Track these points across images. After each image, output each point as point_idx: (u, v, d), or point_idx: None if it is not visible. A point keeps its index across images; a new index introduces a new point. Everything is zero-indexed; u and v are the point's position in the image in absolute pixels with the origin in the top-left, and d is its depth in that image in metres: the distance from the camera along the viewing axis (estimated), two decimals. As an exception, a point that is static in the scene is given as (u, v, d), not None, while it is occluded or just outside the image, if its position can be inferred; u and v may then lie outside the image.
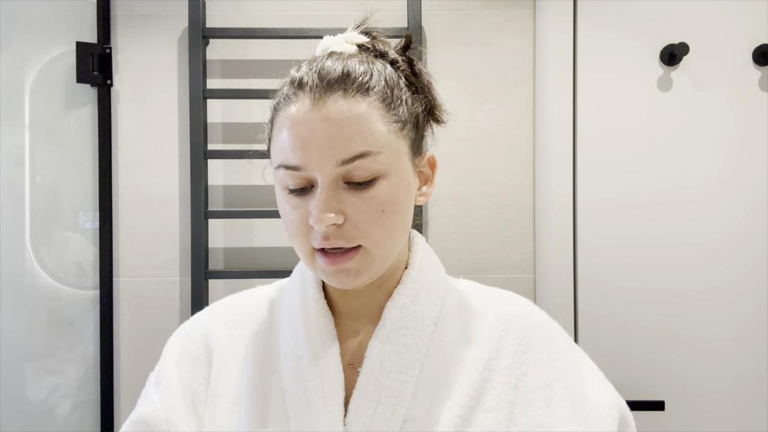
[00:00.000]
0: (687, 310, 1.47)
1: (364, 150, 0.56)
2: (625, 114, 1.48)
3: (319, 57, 0.62)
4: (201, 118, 1.44)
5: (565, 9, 1.48)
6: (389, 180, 0.58)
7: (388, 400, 0.60)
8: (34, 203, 1.45)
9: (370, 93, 0.58)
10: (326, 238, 0.57)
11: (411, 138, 0.62)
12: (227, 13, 1.49)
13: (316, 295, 0.66)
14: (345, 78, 0.58)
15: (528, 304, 0.70)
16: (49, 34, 1.46)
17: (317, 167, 0.56)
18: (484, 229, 1.49)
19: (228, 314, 0.71)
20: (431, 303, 0.66)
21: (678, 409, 1.46)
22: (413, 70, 0.65)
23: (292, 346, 0.64)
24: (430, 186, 0.67)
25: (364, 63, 0.60)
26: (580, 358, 0.67)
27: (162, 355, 0.70)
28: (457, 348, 0.65)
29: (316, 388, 0.61)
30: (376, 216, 0.58)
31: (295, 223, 0.59)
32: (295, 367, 0.63)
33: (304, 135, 0.56)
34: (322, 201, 0.56)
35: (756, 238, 1.46)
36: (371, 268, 0.60)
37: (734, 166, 1.46)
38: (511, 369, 0.63)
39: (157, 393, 0.67)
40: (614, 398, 0.65)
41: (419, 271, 0.67)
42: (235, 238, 1.51)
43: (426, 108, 0.65)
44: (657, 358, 1.46)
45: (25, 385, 1.44)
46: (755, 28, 1.45)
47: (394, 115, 0.59)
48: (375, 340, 0.63)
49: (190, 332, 0.71)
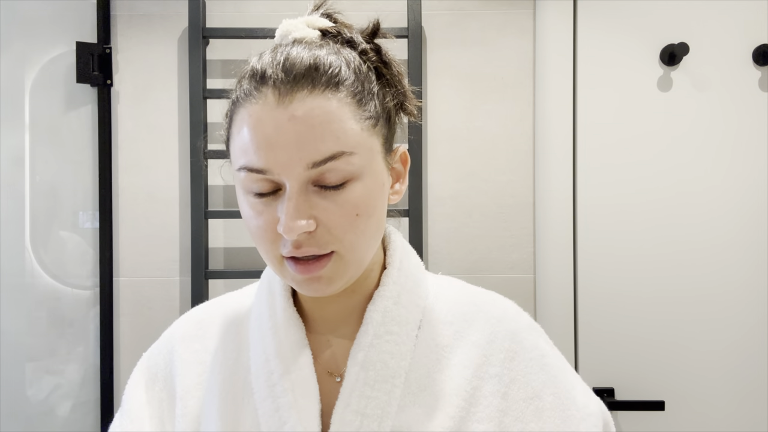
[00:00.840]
0: (687, 309, 1.47)
1: (336, 151, 0.52)
2: (625, 114, 1.48)
3: (281, 45, 0.57)
4: (201, 118, 1.44)
5: (565, 9, 1.48)
6: (363, 181, 0.54)
7: (374, 413, 0.56)
8: (34, 203, 1.45)
9: (340, 88, 0.53)
10: (298, 247, 0.53)
11: (384, 135, 0.57)
12: (227, 13, 1.49)
13: (284, 303, 0.63)
14: (313, 71, 0.52)
15: (513, 306, 0.67)
16: (49, 34, 1.46)
17: (285, 171, 0.51)
18: (484, 229, 1.49)
19: (193, 328, 0.67)
20: (414, 305, 0.62)
21: (678, 409, 1.46)
22: (383, 59, 0.59)
23: (262, 360, 0.60)
24: (403, 183, 0.62)
25: (332, 54, 0.55)
26: (565, 363, 0.65)
27: (130, 377, 0.67)
28: (443, 353, 0.61)
29: (289, 404, 0.57)
30: (350, 220, 0.53)
31: (261, 229, 0.54)
32: (266, 382, 0.59)
33: (269, 135, 0.51)
34: (293, 208, 0.51)
35: (756, 238, 1.46)
36: (345, 275, 0.56)
37: (734, 166, 1.46)
38: (500, 377, 0.60)
39: (120, 421, 0.64)
40: (598, 404, 0.64)
41: (399, 271, 0.63)
42: (235, 238, 1.51)
43: (397, 101, 0.60)
44: (657, 358, 1.46)
45: (25, 385, 1.44)
46: (755, 28, 1.45)
47: (366, 111, 0.55)
48: (357, 348, 0.59)
49: (156, 351, 0.68)
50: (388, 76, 0.59)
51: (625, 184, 1.47)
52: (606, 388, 1.46)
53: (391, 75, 0.60)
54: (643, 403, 1.43)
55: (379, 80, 0.58)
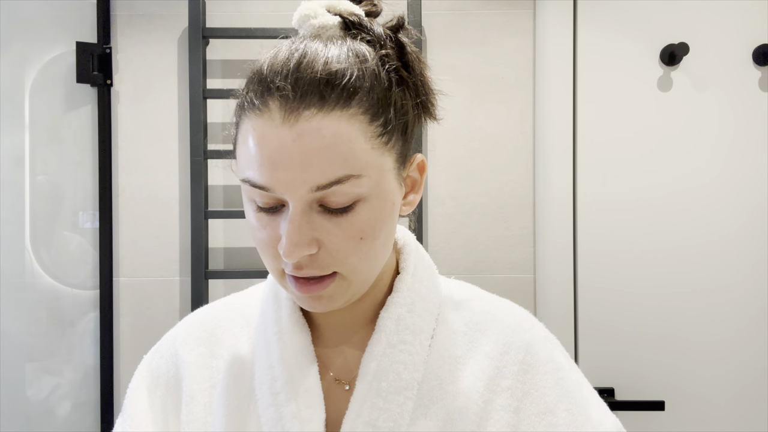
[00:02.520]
0: (687, 309, 1.47)
1: (342, 174, 0.49)
2: (625, 114, 1.48)
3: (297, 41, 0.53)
4: (201, 118, 1.44)
5: (565, 9, 1.48)
6: (370, 203, 0.51)
7: (386, 425, 0.55)
8: (34, 203, 1.45)
9: (351, 103, 0.49)
10: (299, 268, 0.51)
11: (398, 150, 0.54)
12: (227, 13, 1.49)
13: (290, 309, 0.61)
14: (323, 86, 0.49)
15: (529, 317, 0.65)
16: (49, 34, 1.46)
17: (288, 191, 0.49)
18: (484, 229, 1.49)
19: (198, 330, 0.65)
20: (428, 313, 0.60)
21: (678, 409, 1.46)
22: (405, 60, 0.55)
23: (266, 367, 0.59)
24: (417, 193, 0.60)
25: (349, 57, 0.51)
26: (581, 376, 0.63)
27: (131, 381, 0.65)
28: (455, 364, 0.59)
29: (293, 414, 0.56)
30: (353, 244, 0.51)
31: (264, 242, 0.53)
32: (270, 390, 0.57)
33: (273, 154, 0.48)
34: (294, 231, 0.49)
35: (756, 238, 1.46)
36: (347, 293, 0.54)
37: (734, 166, 1.46)
38: (513, 390, 0.58)
39: (121, 426, 0.62)
40: (614, 422, 0.61)
41: (414, 277, 0.61)
42: (235, 238, 1.51)
43: (419, 107, 0.57)
44: (657, 358, 1.46)
45: (25, 385, 1.44)
46: (755, 28, 1.45)
47: (380, 126, 0.51)
48: (370, 357, 0.57)
49: (159, 354, 0.66)
50: (410, 81, 0.55)
51: (625, 184, 1.47)
52: (606, 388, 1.46)
53: (414, 78, 0.55)
54: (643, 403, 1.43)
55: (399, 86, 0.54)
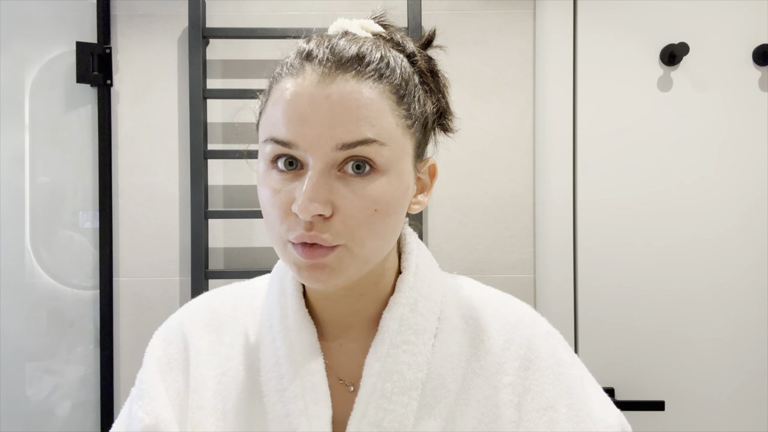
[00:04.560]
0: (687, 309, 1.47)
1: (369, 137, 0.50)
2: (625, 114, 1.48)
3: (331, 35, 0.56)
4: (201, 118, 1.44)
5: (565, 9, 1.48)
6: (388, 178, 0.53)
7: (391, 425, 0.55)
8: (34, 203, 1.45)
9: (383, 81, 0.53)
10: (308, 229, 0.51)
11: (417, 139, 0.57)
12: (227, 13, 1.49)
13: (296, 305, 0.61)
14: (360, 59, 0.52)
15: (531, 312, 0.66)
16: (49, 34, 1.46)
17: (311, 147, 0.50)
18: (484, 229, 1.49)
19: (207, 316, 0.65)
20: (431, 312, 0.61)
21: (678, 409, 1.46)
22: (431, 68, 0.60)
23: (272, 363, 0.59)
24: (427, 195, 0.61)
25: (381, 49, 0.55)
26: (584, 372, 0.63)
27: (143, 365, 0.64)
28: (458, 362, 0.60)
29: (300, 411, 0.56)
30: (367, 214, 0.52)
31: (275, 207, 0.53)
32: (276, 386, 0.58)
33: (303, 109, 0.50)
34: (311, 187, 0.50)
35: (756, 238, 1.46)
36: (349, 268, 0.54)
37: (734, 166, 1.46)
38: (514, 386, 0.59)
39: (143, 408, 0.60)
40: (617, 417, 0.60)
41: (416, 277, 0.62)
42: (235, 238, 1.51)
43: (437, 111, 0.60)
44: (657, 359, 1.46)
45: (25, 385, 1.44)
46: (755, 28, 1.45)
47: (405, 110, 0.54)
48: (373, 357, 0.58)
49: (168, 337, 0.65)
50: (432, 85, 0.60)
51: (625, 184, 1.47)
52: (606, 388, 1.45)
53: (436, 84, 0.60)
54: (643, 403, 1.43)
55: (422, 86, 0.58)
